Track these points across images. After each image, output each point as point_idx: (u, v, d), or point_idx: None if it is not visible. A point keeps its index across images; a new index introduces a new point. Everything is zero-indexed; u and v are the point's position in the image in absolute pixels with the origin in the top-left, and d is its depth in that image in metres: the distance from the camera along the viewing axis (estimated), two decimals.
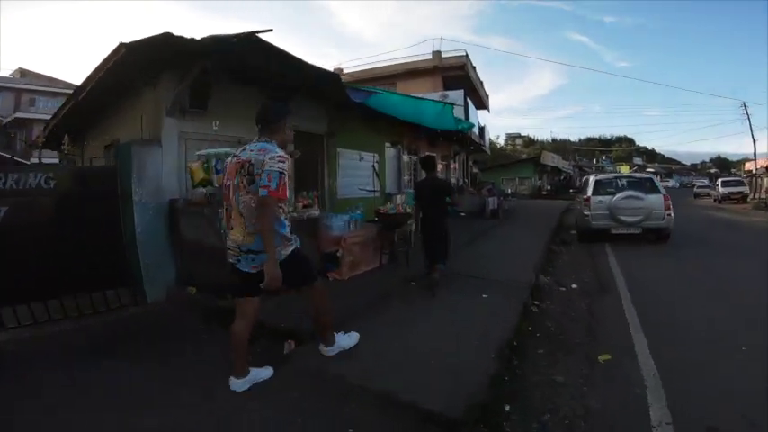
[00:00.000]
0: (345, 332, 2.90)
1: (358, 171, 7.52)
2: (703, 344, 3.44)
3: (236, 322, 2.47)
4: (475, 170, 25.85)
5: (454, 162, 15.36)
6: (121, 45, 3.76)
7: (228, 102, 4.82)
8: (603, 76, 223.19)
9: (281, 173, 2.24)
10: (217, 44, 3.30)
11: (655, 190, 8.29)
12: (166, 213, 4.10)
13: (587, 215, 8.55)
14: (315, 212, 4.84)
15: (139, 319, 3.90)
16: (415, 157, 10.85)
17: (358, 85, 6.23)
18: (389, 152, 8.74)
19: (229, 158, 2.53)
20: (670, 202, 8.16)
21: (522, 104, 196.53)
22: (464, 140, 12.92)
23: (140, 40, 3.60)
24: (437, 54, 17.95)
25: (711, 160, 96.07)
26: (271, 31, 3.07)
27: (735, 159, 76.26)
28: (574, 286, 5.66)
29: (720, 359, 3.11)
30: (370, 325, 3.49)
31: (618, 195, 8.20)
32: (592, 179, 8.89)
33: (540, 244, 7.94)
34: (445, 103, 6.23)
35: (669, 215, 8.11)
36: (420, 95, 8.23)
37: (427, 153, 11.70)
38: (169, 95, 4.22)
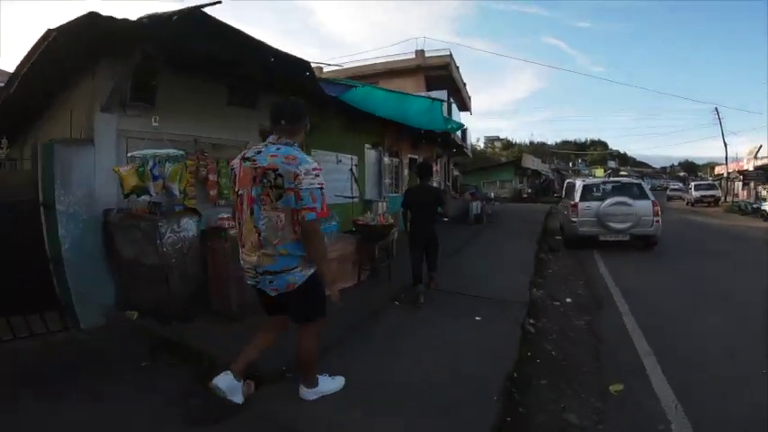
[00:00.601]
0: (330, 375, 2.47)
1: (335, 175, 6.92)
2: (719, 364, 3.15)
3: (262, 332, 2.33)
4: (456, 173, 25.60)
5: (436, 165, 14.93)
6: (49, 30, 3.14)
7: (178, 95, 4.16)
8: (579, 82, 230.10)
9: (322, 189, 1.99)
10: (153, 24, 2.67)
11: (643, 195, 8.06)
12: (101, 226, 3.42)
13: (575, 221, 8.24)
14: None
15: (65, 348, 3.21)
16: (396, 160, 10.34)
17: (337, 79, 5.67)
18: (370, 154, 8.15)
19: (236, 161, 2.14)
20: (659, 208, 7.93)
21: (501, 108, 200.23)
22: (447, 142, 12.50)
23: (67, 23, 3.00)
24: (420, 53, 17.51)
25: (680, 164, 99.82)
26: (219, 2, 2.47)
27: (701, 163, 79.72)
28: (569, 300, 5.30)
29: (743, 382, 2.81)
30: (347, 357, 2.98)
31: (606, 201, 7.91)
32: (579, 184, 8.59)
33: (529, 252, 7.55)
34: (433, 100, 5.76)
35: (657, 222, 7.89)
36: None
37: (423, 158, 11.25)
38: (107, 87, 3.54)
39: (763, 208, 15.71)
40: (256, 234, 2.00)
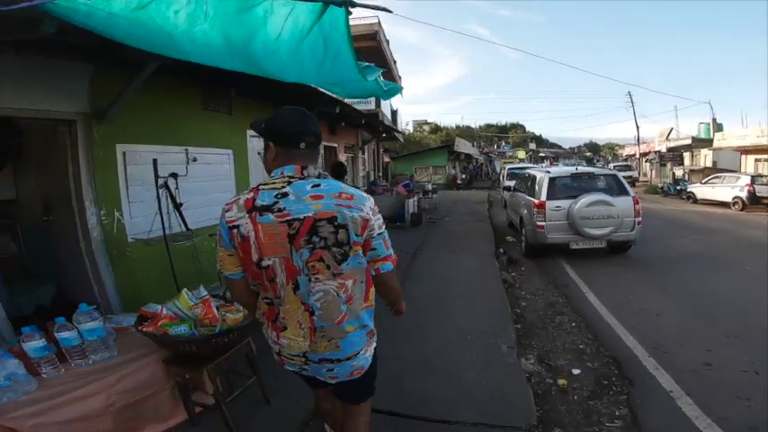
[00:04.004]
0: None
1: (189, 184, 4.06)
2: None
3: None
4: (386, 159, 23.41)
5: (363, 153, 12.38)
6: None
7: None
8: (500, 68, 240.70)
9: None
10: None
11: (623, 191, 6.35)
12: None
13: (542, 226, 6.31)
14: None
15: None
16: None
17: None
18: (257, 146, 5.25)
19: (240, 215, 1.35)
20: (641, 205, 6.29)
21: (426, 93, 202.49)
22: (374, 125, 9.98)
23: None
24: None
25: (585, 145, 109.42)
26: None
27: (601, 143, 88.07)
28: (576, 372, 3.29)
29: None
30: None
31: (582, 201, 6.05)
32: (544, 177, 6.64)
33: (492, 279, 5.42)
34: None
35: (639, 223, 6.24)
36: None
37: (338, 158, 8.59)
38: None
39: (689, 189, 15.71)
40: (307, 314, 1.39)
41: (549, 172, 6.90)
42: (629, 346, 3.65)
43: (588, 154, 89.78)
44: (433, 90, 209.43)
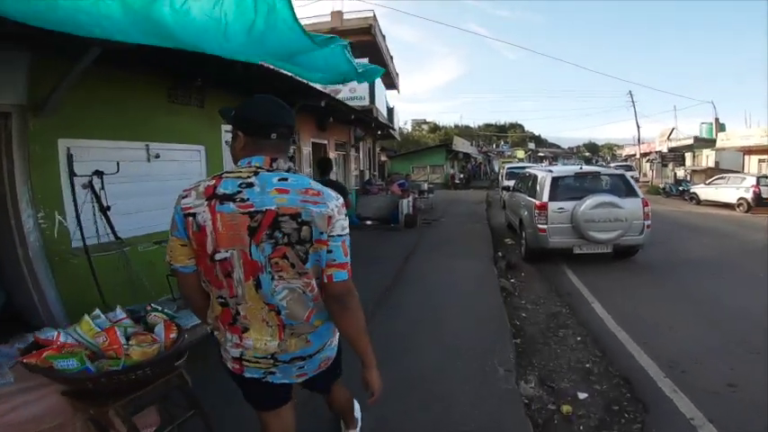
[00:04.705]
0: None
1: (149, 183, 3.66)
2: None
3: None
4: (383, 158, 23.01)
5: (356, 151, 11.96)
6: None
7: None
8: (499, 68, 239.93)
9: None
10: None
11: (631, 192, 5.94)
12: None
13: (543, 229, 5.91)
14: None
15: None
16: (292, 149, 7.15)
17: None
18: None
19: (198, 202, 1.26)
20: (650, 208, 5.89)
21: (426, 92, 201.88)
22: (366, 121, 9.55)
23: None
24: (337, 14, 14.08)
25: (584, 145, 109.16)
26: None
27: (600, 143, 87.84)
28: (582, 397, 2.90)
29: None
30: None
31: (587, 202, 5.64)
32: (546, 176, 6.23)
33: (489, 288, 5.02)
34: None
35: (648, 227, 5.85)
36: None
37: (327, 156, 8.16)
38: None
39: (692, 190, 15.33)
40: (273, 313, 1.31)
41: (551, 171, 6.49)
42: (641, 364, 3.27)
43: (587, 154, 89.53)
44: (432, 89, 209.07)
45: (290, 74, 3.27)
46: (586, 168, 6.89)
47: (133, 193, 3.57)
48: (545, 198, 5.98)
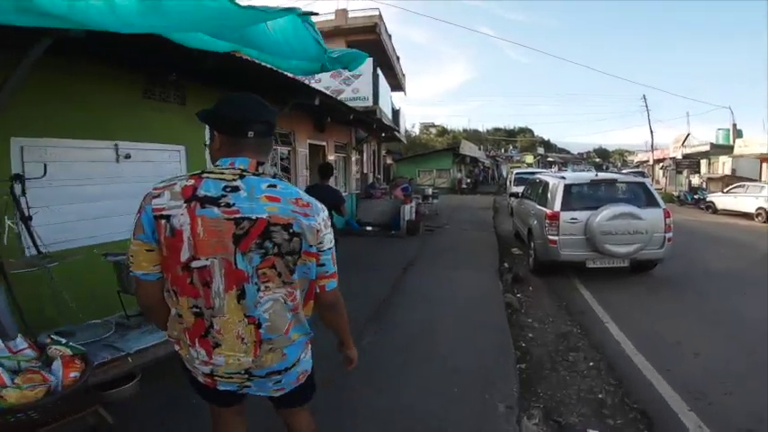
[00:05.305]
0: None
1: (118, 186, 3.32)
2: None
3: None
4: (389, 161, 22.66)
5: (359, 153, 11.58)
6: None
7: None
8: (509, 72, 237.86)
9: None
10: None
11: (652, 201, 5.47)
12: None
13: (554, 240, 5.48)
14: None
15: None
16: (286, 149, 6.77)
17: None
18: None
19: (174, 203, 1.17)
20: (672, 219, 5.42)
21: (435, 95, 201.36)
22: (368, 122, 9.18)
23: None
24: (341, 12, 13.78)
25: (594, 150, 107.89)
26: None
27: (611, 149, 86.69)
28: None
29: None
30: None
31: (603, 213, 5.19)
32: (558, 183, 5.78)
33: (494, 308, 4.60)
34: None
35: (669, 240, 5.38)
36: None
37: (326, 158, 7.85)
38: None
39: (709, 199, 14.72)
40: (252, 326, 1.25)
41: (563, 177, 6.04)
42: (662, 394, 2.88)
43: (597, 160, 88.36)
44: (442, 93, 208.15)
45: (282, 72, 2.90)
46: (602, 175, 6.43)
47: (99, 195, 3.23)
48: (557, 207, 5.54)
